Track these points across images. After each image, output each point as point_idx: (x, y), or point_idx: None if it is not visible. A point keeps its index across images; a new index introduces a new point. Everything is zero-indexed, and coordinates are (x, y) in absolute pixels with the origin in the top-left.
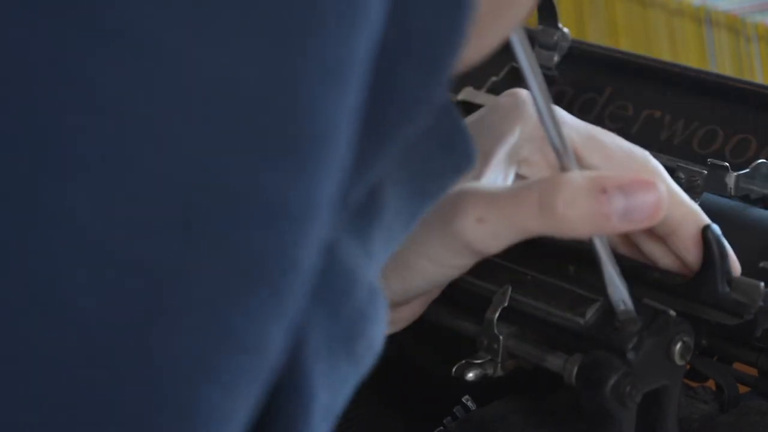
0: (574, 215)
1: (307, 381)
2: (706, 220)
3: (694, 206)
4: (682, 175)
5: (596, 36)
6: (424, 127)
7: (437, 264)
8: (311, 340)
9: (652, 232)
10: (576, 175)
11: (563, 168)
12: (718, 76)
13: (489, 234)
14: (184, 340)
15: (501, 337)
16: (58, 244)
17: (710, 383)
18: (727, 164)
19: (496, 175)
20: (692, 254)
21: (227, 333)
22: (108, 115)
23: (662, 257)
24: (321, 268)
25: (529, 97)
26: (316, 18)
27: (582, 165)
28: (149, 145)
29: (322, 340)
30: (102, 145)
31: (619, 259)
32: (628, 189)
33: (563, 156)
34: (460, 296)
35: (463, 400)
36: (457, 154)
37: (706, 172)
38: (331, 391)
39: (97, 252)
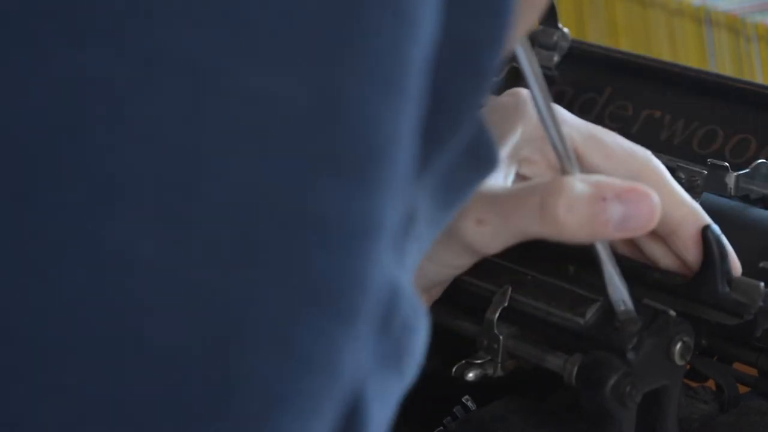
0: (574, 221)
1: (363, 400)
2: (707, 220)
3: (695, 206)
4: (682, 175)
5: (596, 36)
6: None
7: (437, 263)
8: (366, 358)
9: (652, 232)
10: (577, 181)
11: (563, 170)
12: (718, 76)
13: (489, 235)
14: (257, 366)
15: (501, 337)
16: (126, 279)
17: (710, 383)
18: (727, 164)
19: (497, 175)
20: (692, 254)
21: (298, 355)
22: (156, 144)
23: (663, 257)
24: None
25: (529, 97)
26: (360, 31)
27: (583, 164)
28: (203, 173)
29: (374, 358)
30: (154, 176)
31: (620, 260)
32: (626, 197)
33: (563, 158)
34: (460, 296)
35: (463, 400)
36: (482, 158)
37: (706, 172)
38: (383, 407)
39: (164, 284)
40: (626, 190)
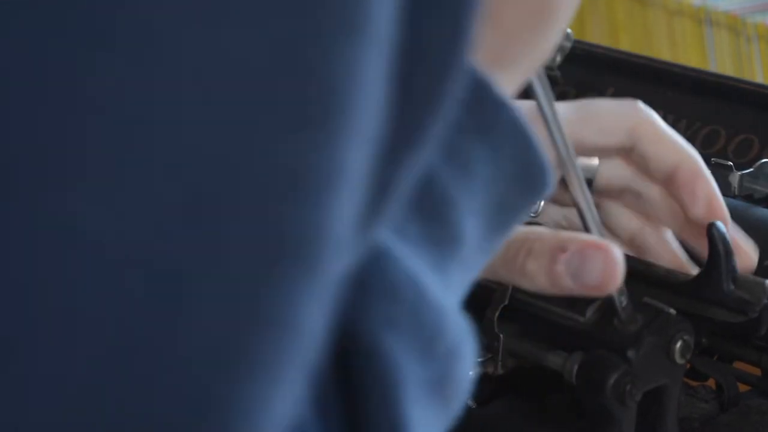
0: (532, 269)
1: (405, 429)
2: (702, 166)
3: (692, 151)
4: None
5: (597, 36)
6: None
7: None
8: (407, 384)
9: (653, 178)
10: (544, 232)
11: (566, 178)
12: (718, 76)
13: None
14: (210, 324)
15: (501, 336)
16: (70, 251)
17: (710, 382)
18: (731, 164)
19: None
20: (691, 200)
21: (254, 310)
22: (108, 112)
23: (664, 214)
24: (412, 302)
25: (533, 110)
26: None
27: (576, 139)
28: (153, 134)
29: (416, 384)
30: (106, 145)
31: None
32: (584, 252)
33: (566, 164)
34: None
35: None
36: (534, 180)
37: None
38: None
39: (108, 255)
40: (586, 245)
